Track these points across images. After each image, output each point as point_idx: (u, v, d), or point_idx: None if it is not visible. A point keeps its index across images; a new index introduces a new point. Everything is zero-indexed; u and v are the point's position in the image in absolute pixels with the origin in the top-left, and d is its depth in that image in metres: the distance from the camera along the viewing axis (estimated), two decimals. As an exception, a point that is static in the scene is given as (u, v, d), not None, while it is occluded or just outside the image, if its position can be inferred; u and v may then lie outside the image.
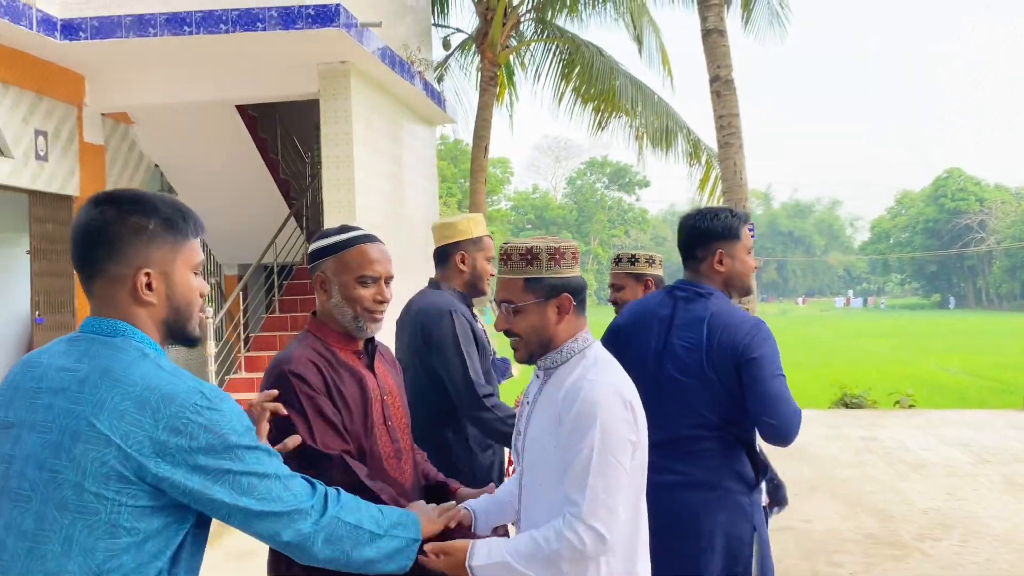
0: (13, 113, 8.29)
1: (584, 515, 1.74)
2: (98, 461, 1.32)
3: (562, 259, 1.92)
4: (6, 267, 11.66)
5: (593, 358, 1.93)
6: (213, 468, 1.37)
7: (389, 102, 10.13)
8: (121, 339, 1.43)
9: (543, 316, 1.92)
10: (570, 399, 1.84)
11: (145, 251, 1.45)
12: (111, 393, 1.35)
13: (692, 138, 12.97)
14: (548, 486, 1.88)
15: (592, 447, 1.77)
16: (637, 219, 78.61)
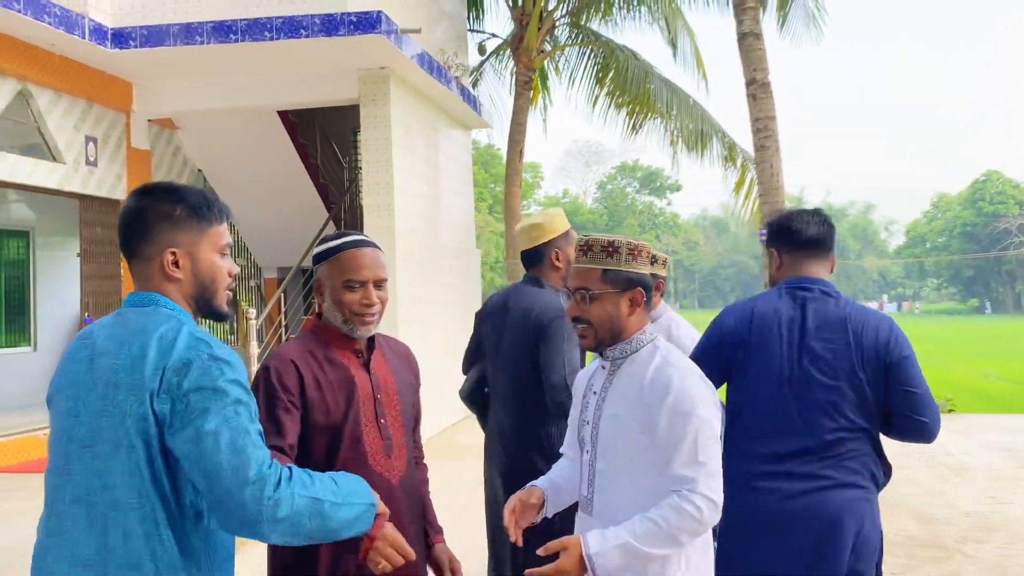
0: (65, 120, 8.55)
1: (700, 488, 1.89)
2: (135, 403, 1.54)
3: (639, 255, 2.06)
4: (58, 269, 12.00)
5: (667, 348, 2.06)
6: (197, 406, 1.52)
7: (426, 107, 10.27)
8: (152, 307, 1.65)
9: (617, 306, 2.04)
10: (660, 387, 1.96)
11: (172, 233, 1.67)
12: (140, 346, 1.56)
13: (727, 141, 12.94)
14: (631, 469, 1.99)
15: (697, 428, 1.92)
16: (668, 223, 78.21)
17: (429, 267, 10.05)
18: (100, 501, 1.56)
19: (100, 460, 1.56)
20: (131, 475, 1.55)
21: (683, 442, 1.91)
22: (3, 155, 7.78)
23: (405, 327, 8.94)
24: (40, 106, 8.23)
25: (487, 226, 41.09)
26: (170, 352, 1.55)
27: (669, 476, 1.92)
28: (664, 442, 1.93)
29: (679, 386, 1.94)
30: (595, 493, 2.06)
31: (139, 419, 1.54)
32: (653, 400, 1.95)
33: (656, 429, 1.94)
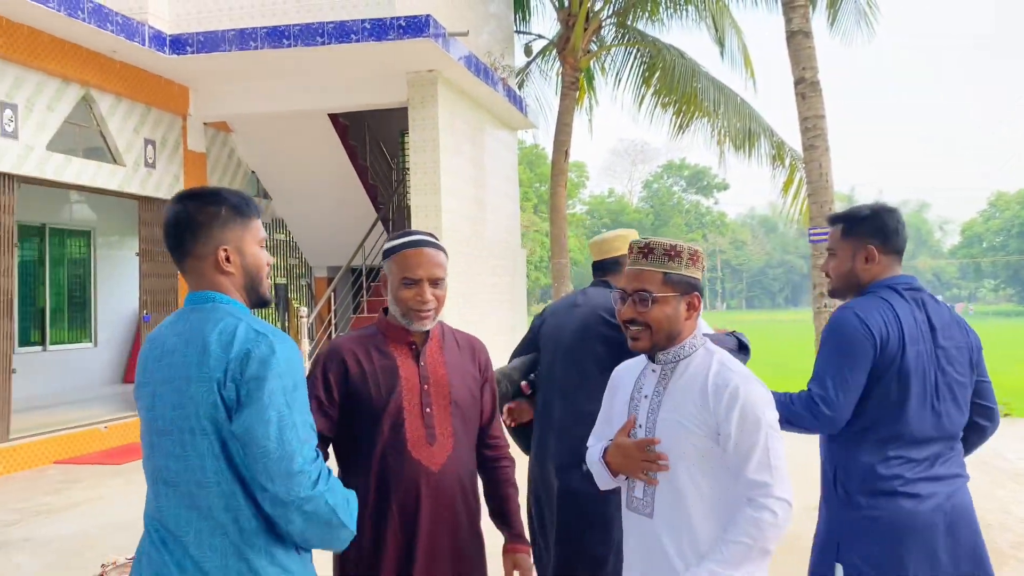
0: (125, 124, 8.85)
1: (775, 491, 1.94)
2: (205, 392, 1.67)
3: (698, 261, 2.10)
4: (117, 268, 12.40)
5: (721, 353, 2.09)
6: (255, 394, 1.65)
7: (473, 108, 10.37)
8: (211, 304, 1.77)
9: (676, 310, 2.07)
10: (726, 395, 1.99)
11: (221, 232, 1.79)
12: (203, 342, 1.70)
13: (775, 140, 12.81)
14: (692, 473, 2.02)
15: (767, 433, 1.97)
16: (715, 223, 77.35)
17: (475, 266, 10.16)
18: (184, 481, 1.71)
19: (179, 446, 1.71)
20: (206, 457, 1.69)
21: (756, 448, 1.95)
22: (68, 158, 8.09)
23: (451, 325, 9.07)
24: (102, 110, 8.54)
25: (532, 225, 41.15)
26: (231, 344, 1.68)
27: (743, 481, 1.96)
28: (736, 449, 1.97)
29: (745, 392, 1.98)
30: (655, 496, 2.08)
31: (209, 407, 1.68)
32: (719, 408, 1.98)
33: (724, 436, 1.98)
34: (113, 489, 6.60)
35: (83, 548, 5.05)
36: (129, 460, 7.72)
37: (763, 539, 1.91)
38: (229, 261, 1.80)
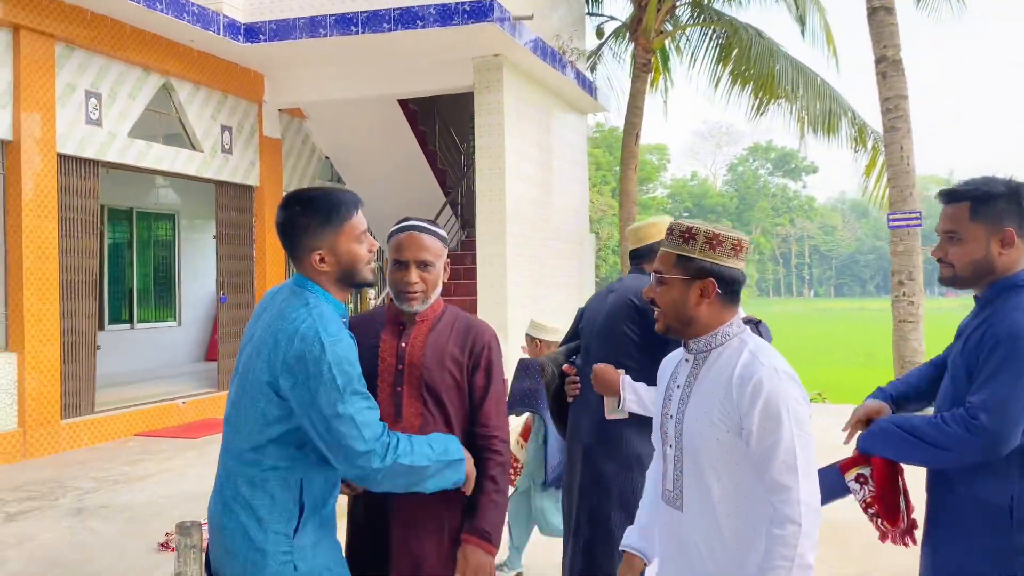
0: (203, 111, 9.18)
1: (799, 495, 1.85)
2: (267, 372, 1.93)
3: (719, 246, 1.98)
4: (198, 250, 12.91)
5: (756, 344, 1.98)
6: (315, 393, 1.88)
7: (540, 92, 10.33)
8: (301, 290, 2.02)
9: (685, 294, 1.99)
10: (749, 387, 1.90)
11: (313, 239, 2.02)
12: (276, 330, 1.95)
13: (858, 122, 12.32)
14: (718, 466, 1.97)
15: (791, 432, 1.87)
16: (803, 207, 75.03)
17: (540, 251, 10.15)
18: (233, 421, 2.00)
19: (239, 389, 2.00)
20: (257, 423, 1.94)
21: (778, 446, 1.86)
22: (149, 144, 8.45)
23: (514, 310, 9.10)
24: (181, 98, 8.88)
25: (610, 209, 40.78)
26: (291, 344, 1.91)
27: (766, 481, 1.89)
28: (757, 446, 1.89)
29: (769, 387, 1.87)
30: (683, 489, 2.04)
31: (265, 384, 1.93)
32: (742, 401, 1.90)
33: (746, 431, 1.90)
34: (185, 462, 6.91)
35: (152, 516, 5.32)
36: (203, 435, 8.06)
37: (797, 555, 1.82)
38: (323, 262, 2.02)
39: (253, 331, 2.06)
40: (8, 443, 6.88)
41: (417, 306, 2.27)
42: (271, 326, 1.98)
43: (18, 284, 7.02)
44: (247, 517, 1.95)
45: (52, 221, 7.28)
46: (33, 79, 7.11)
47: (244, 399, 1.98)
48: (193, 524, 2.46)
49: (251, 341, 2.04)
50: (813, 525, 1.84)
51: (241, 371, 2.03)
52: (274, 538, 1.94)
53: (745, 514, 1.94)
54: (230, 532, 1.96)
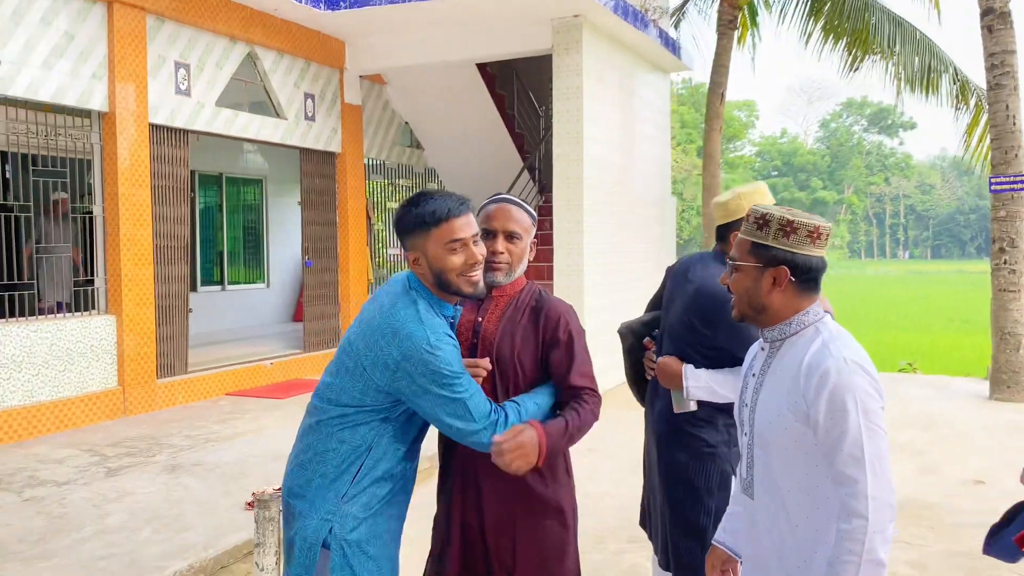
0: (287, 79, 9.35)
1: (866, 489, 1.81)
2: (369, 361, 2.06)
3: (793, 233, 1.94)
4: (284, 215, 13.28)
5: (830, 332, 1.95)
6: (426, 387, 2.03)
7: (621, 53, 10.11)
8: (407, 286, 2.17)
9: (757, 281, 1.97)
10: (816, 376, 1.87)
11: (410, 240, 2.16)
12: (381, 324, 2.08)
13: (960, 78, 11.63)
14: (787, 457, 1.94)
15: (859, 424, 1.83)
16: (900, 165, 71.71)
17: (620, 216, 10.02)
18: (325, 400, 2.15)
19: (337, 368, 2.14)
20: (348, 391, 2.10)
21: (844, 438, 1.82)
22: (236, 113, 8.68)
23: (591, 276, 9.04)
24: (265, 67, 9.06)
25: (695, 169, 39.89)
26: (394, 342, 2.04)
27: (833, 473, 1.86)
28: (824, 437, 1.86)
29: (836, 377, 1.84)
30: (755, 478, 2.04)
31: (365, 369, 2.07)
32: (809, 391, 1.87)
33: (813, 421, 1.87)
34: (272, 421, 7.20)
35: (240, 475, 5.57)
36: (289, 395, 8.37)
37: (866, 551, 1.78)
38: (418, 263, 2.16)
39: (367, 310, 2.20)
40: (110, 400, 7.29)
41: (501, 278, 2.29)
42: (382, 314, 2.10)
43: (116, 250, 7.37)
44: (316, 466, 2.10)
45: (146, 189, 7.59)
46: (126, 52, 7.37)
47: (344, 368, 2.11)
48: (271, 497, 2.57)
49: (361, 320, 2.17)
50: (883, 520, 1.80)
51: (348, 342, 2.15)
52: (325, 494, 2.07)
53: (815, 505, 1.91)
54: (299, 475, 2.13)
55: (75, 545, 4.31)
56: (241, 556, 4.36)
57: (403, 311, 2.09)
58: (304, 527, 2.08)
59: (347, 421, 2.10)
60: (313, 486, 2.10)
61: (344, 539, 2.05)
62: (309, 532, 2.07)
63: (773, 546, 1.98)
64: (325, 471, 2.09)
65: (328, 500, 2.07)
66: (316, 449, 2.11)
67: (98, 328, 7.25)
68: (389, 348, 2.04)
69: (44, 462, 5.92)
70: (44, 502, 5.00)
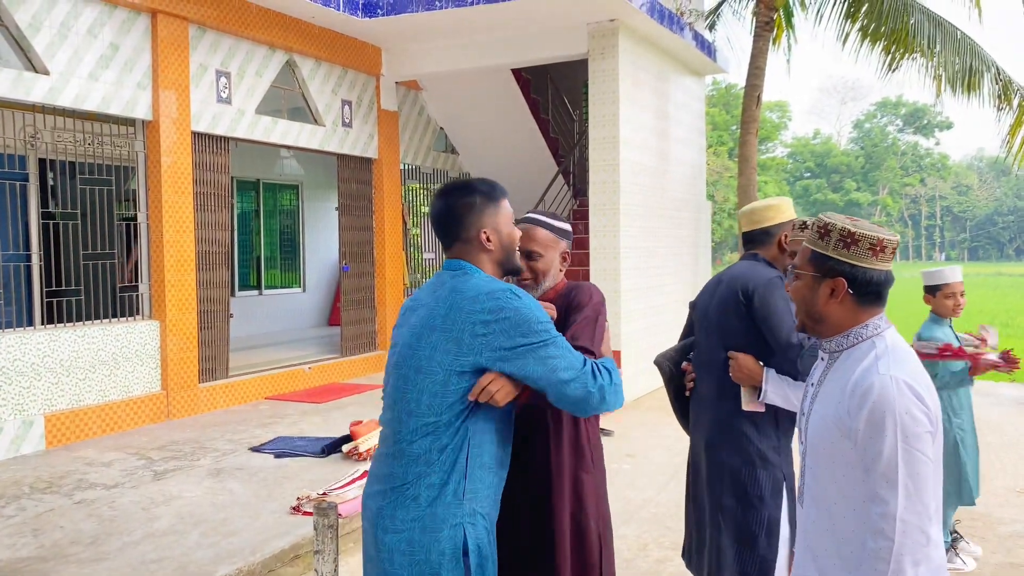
0: (324, 86, 9.44)
1: (897, 511, 1.77)
2: (445, 340, 2.05)
3: (854, 245, 1.91)
4: (320, 220, 13.41)
5: (884, 347, 1.90)
6: (521, 343, 2.03)
7: (656, 56, 10.08)
8: (461, 271, 2.16)
9: (815, 291, 1.96)
10: (859, 392, 1.84)
11: (480, 217, 2.17)
12: (456, 299, 2.08)
13: (1002, 78, 11.43)
14: (833, 470, 1.92)
15: (895, 445, 1.78)
16: (935, 165, 70.50)
17: (655, 220, 9.98)
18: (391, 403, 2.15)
19: (402, 380, 2.11)
20: (423, 392, 2.07)
21: (879, 458, 1.78)
22: (275, 120, 8.78)
23: (628, 280, 9.02)
24: (303, 74, 9.16)
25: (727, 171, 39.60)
26: (480, 302, 2.04)
27: (867, 490, 1.83)
28: (862, 454, 1.83)
29: (879, 395, 1.79)
30: (806, 486, 2.03)
31: (444, 352, 2.04)
32: (852, 405, 1.84)
33: (854, 437, 1.84)
34: (313, 426, 7.26)
35: (283, 479, 5.63)
36: (328, 400, 8.44)
37: (891, 572, 1.75)
38: (489, 240, 2.18)
39: (409, 319, 2.19)
40: (154, 404, 7.41)
41: (532, 292, 2.49)
42: (447, 301, 2.09)
43: (159, 256, 7.50)
44: (421, 486, 2.04)
45: (188, 196, 7.71)
46: (169, 61, 7.50)
47: (416, 377, 2.08)
48: (330, 506, 2.60)
49: (414, 326, 2.14)
50: (913, 545, 1.75)
51: (405, 355, 2.13)
52: (447, 501, 2.03)
53: (860, 516, 1.89)
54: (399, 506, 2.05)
55: (126, 548, 4.38)
56: (288, 560, 4.40)
57: (476, 279, 2.13)
58: (429, 546, 2.01)
59: (433, 429, 2.06)
60: (421, 502, 2.03)
61: (477, 537, 2.04)
62: (445, 546, 2.01)
63: (818, 555, 1.97)
64: (431, 482, 2.04)
65: (452, 507, 2.03)
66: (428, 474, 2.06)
67: (142, 333, 7.38)
68: (481, 307, 2.04)
69: (92, 465, 6.03)
70: (94, 505, 5.10)
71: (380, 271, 10.38)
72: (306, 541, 4.50)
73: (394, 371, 2.17)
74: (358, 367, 9.93)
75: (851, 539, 1.90)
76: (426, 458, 2.05)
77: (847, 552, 1.90)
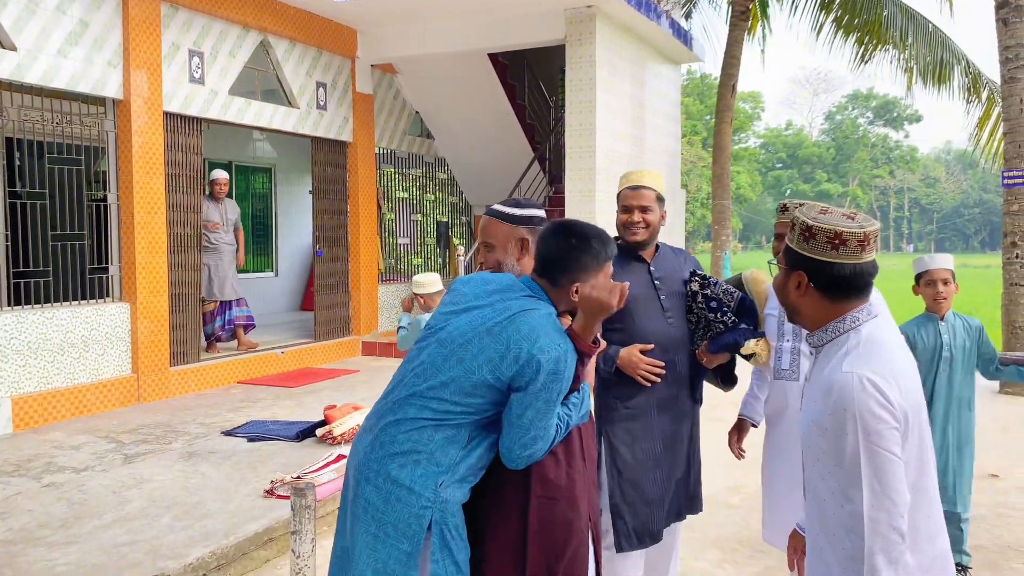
0: (299, 67, 9.34)
1: (866, 511, 1.75)
2: (494, 353, 2.14)
3: (812, 238, 1.87)
4: (293, 203, 13.28)
5: (856, 342, 1.86)
6: (539, 389, 2.12)
7: (633, 43, 10.09)
8: (533, 300, 2.24)
9: (785, 284, 1.96)
10: (825, 390, 1.81)
11: (582, 275, 2.25)
12: (518, 324, 2.15)
13: (972, 71, 11.61)
14: (816, 468, 1.90)
15: (856, 443, 1.75)
16: (905, 158, 71.41)
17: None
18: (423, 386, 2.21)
19: (443, 360, 2.18)
20: (456, 385, 2.16)
21: (843, 456, 1.76)
22: (248, 101, 8.67)
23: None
24: (278, 55, 9.05)
25: (700, 161, 39.84)
26: (533, 342, 2.11)
27: (835, 488, 1.79)
28: (832, 452, 1.79)
29: (839, 392, 1.76)
30: (806, 483, 2.01)
31: (488, 360, 2.14)
32: (823, 403, 1.81)
33: (827, 435, 1.80)
34: (286, 410, 7.22)
35: (256, 463, 5.60)
36: (301, 384, 8.39)
37: (867, 570, 1.73)
38: (576, 294, 2.24)
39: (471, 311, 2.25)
40: (124, 388, 7.32)
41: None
42: (507, 320, 2.17)
43: (130, 237, 7.39)
44: (408, 457, 2.14)
45: (159, 177, 7.60)
46: (141, 39, 7.36)
47: (456, 366, 2.16)
48: (308, 486, 2.59)
49: (473, 321, 2.22)
50: (883, 543, 1.73)
51: (456, 341, 2.20)
52: (424, 482, 2.12)
53: (843, 517, 1.85)
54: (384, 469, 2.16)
55: (96, 531, 4.34)
56: (261, 544, 4.38)
57: (535, 320, 2.18)
58: (399, 515, 2.13)
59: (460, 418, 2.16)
60: (410, 476, 2.14)
61: (443, 523, 2.13)
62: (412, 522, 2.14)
63: (815, 547, 1.95)
64: (425, 467, 2.15)
65: (428, 488, 2.13)
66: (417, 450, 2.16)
67: (112, 316, 7.27)
68: (510, 352, 2.14)
69: (61, 448, 5.95)
70: (63, 488, 5.03)
71: (354, 256, 10.32)
72: (280, 524, 4.48)
73: (437, 345, 2.23)
74: (332, 352, 9.88)
75: (838, 536, 1.88)
76: (423, 435, 2.15)
77: (838, 548, 1.88)
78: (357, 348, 10.29)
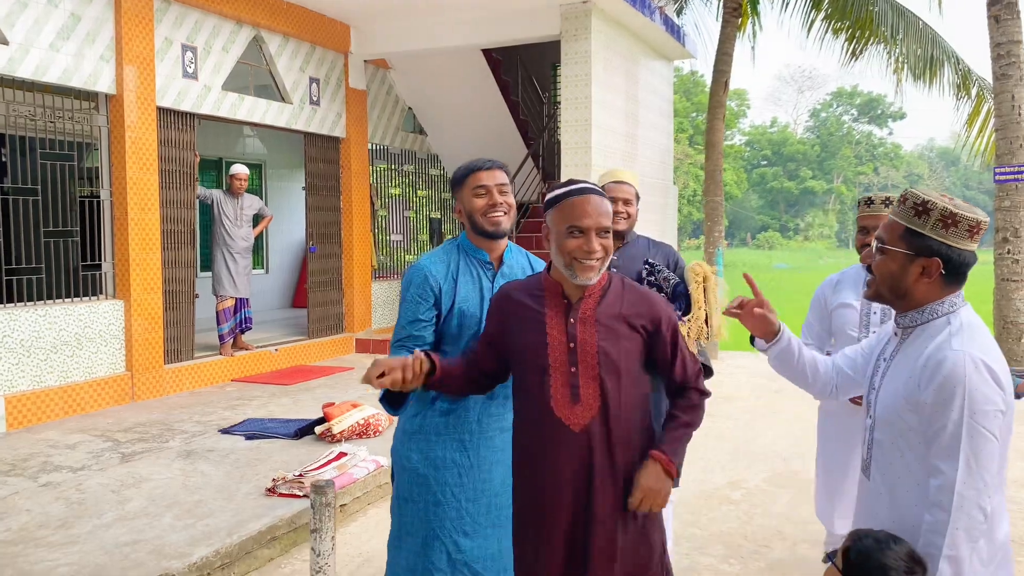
0: (292, 63, 9.26)
1: (958, 488, 1.76)
2: None
3: (953, 226, 1.87)
4: (286, 201, 13.19)
5: (959, 324, 1.89)
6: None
7: (628, 40, 10.08)
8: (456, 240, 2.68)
9: (904, 269, 1.92)
10: (932, 367, 1.83)
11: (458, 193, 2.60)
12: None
13: (961, 68, 11.67)
14: (901, 446, 1.92)
15: (961, 419, 1.77)
16: (889, 155, 71.82)
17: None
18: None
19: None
20: None
21: (943, 430, 1.78)
22: (241, 96, 8.59)
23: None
24: (271, 50, 8.97)
25: (687, 158, 39.96)
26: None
27: (928, 463, 1.82)
28: (927, 427, 1.82)
29: (951, 369, 1.78)
30: (872, 461, 2.03)
31: None
32: (923, 379, 1.83)
33: (922, 411, 1.83)
34: (282, 407, 7.17)
35: (256, 461, 5.55)
36: (296, 381, 8.34)
37: (946, 545, 1.75)
38: (459, 212, 2.60)
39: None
40: (118, 386, 7.24)
41: (593, 277, 2.16)
42: None
43: (124, 234, 7.30)
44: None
45: (153, 173, 7.51)
46: (134, 34, 7.28)
47: None
48: (328, 483, 2.56)
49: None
50: (968, 520, 1.75)
51: None
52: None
53: (921, 494, 1.88)
54: None
55: (97, 531, 4.28)
56: (265, 542, 4.34)
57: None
58: None
59: None
60: None
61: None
62: None
63: (884, 528, 1.96)
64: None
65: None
66: None
67: (106, 313, 7.19)
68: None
69: (56, 447, 5.88)
70: (61, 488, 4.97)
71: (348, 252, 10.26)
72: (283, 523, 4.44)
73: None
74: (326, 349, 9.82)
75: (910, 514, 1.89)
76: None
77: (907, 526, 1.89)
78: (351, 345, 10.24)
